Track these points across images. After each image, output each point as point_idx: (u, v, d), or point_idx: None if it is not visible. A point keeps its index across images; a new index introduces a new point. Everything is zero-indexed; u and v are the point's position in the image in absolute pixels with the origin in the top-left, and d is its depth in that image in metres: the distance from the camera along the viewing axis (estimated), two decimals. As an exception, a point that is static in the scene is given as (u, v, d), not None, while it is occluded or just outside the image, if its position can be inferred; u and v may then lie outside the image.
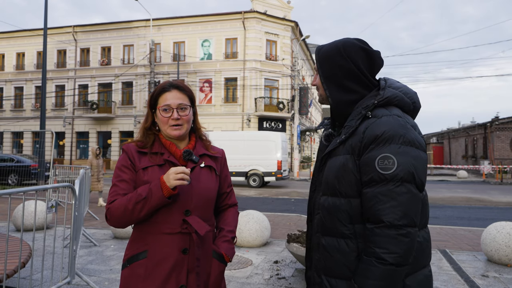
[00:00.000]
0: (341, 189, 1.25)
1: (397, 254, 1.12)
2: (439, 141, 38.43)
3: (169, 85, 1.55)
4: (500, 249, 4.60)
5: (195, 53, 26.47)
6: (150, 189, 1.40)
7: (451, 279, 4.10)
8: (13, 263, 2.90)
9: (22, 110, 30.36)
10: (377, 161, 1.18)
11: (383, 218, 1.14)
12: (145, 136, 1.57)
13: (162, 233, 1.44)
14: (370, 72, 1.34)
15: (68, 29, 29.16)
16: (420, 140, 1.23)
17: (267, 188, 16.01)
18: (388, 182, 1.16)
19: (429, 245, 1.31)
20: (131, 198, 1.42)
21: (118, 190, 1.46)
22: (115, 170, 1.53)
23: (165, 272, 1.41)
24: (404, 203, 1.14)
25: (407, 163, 1.16)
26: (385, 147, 1.18)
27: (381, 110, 1.25)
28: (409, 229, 1.14)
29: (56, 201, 3.33)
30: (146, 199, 1.39)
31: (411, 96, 1.33)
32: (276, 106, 25.48)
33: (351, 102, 1.32)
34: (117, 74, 27.69)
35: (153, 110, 1.58)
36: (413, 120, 1.31)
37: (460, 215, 9.19)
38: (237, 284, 3.87)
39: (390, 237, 1.13)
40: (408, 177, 1.15)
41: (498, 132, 24.08)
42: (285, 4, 28.20)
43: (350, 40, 1.35)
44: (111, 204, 1.45)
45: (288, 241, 4.24)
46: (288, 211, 9.32)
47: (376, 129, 1.20)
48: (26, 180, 14.79)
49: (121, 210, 1.41)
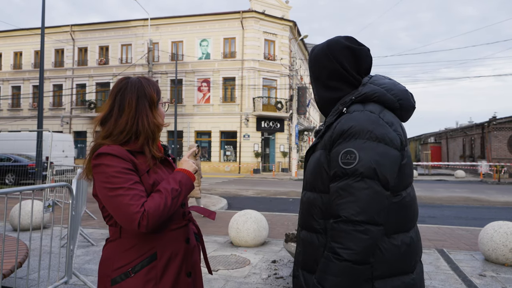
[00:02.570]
0: (315, 184, 1.26)
1: (353, 250, 1.08)
2: (437, 141, 38.52)
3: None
4: (497, 249, 4.62)
5: (193, 52, 26.45)
6: (179, 182, 1.39)
7: (448, 279, 4.11)
8: (9, 262, 2.88)
9: (20, 110, 30.28)
10: (341, 155, 1.16)
11: (340, 212, 1.12)
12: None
13: (169, 230, 1.43)
14: (357, 69, 1.33)
15: (66, 28, 29.11)
16: (393, 137, 1.17)
17: (265, 187, 15.99)
18: (349, 177, 1.13)
19: (413, 251, 1.23)
20: (165, 195, 1.32)
21: (139, 192, 1.31)
22: (114, 176, 1.32)
23: (177, 265, 1.43)
24: (363, 199, 1.10)
25: (370, 158, 1.12)
26: (350, 142, 1.16)
27: (356, 106, 1.24)
28: (367, 226, 1.09)
29: (53, 200, 3.32)
30: (181, 192, 1.38)
31: (396, 93, 1.27)
32: (274, 106, 25.49)
33: (334, 99, 1.34)
34: (115, 74, 27.63)
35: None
36: (393, 117, 1.24)
37: (457, 214, 9.21)
38: (235, 283, 3.87)
39: (346, 232, 1.09)
40: (369, 173, 1.11)
41: (496, 132, 24.15)
42: (283, 4, 28.21)
43: (336, 39, 1.35)
44: (145, 206, 1.28)
45: (286, 241, 4.24)
46: (286, 211, 9.33)
47: (345, 124, 1.19)
48: (24, 179, 14.74)
49: (161, 210, 1.30)
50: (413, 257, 1.24)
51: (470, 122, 34.23)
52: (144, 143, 1.42)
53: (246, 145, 25.35)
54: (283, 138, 26.39)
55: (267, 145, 26.57)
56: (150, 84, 1.50)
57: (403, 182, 1.21)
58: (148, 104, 1.46)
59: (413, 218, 1.26)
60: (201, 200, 10.60)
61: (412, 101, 1.31)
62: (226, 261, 4.67)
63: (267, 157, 26.59)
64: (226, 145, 26.23)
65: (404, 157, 1.21)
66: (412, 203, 1.25)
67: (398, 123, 1.24)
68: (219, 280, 3.96)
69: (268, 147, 26.60)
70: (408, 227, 1.23)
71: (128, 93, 1.44)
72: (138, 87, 1.46)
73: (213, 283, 3.85)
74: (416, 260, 1.26)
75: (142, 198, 1.30)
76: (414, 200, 1.28)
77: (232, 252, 5.09)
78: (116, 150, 1.35)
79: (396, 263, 1.18)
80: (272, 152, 26.52)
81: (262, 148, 26.01)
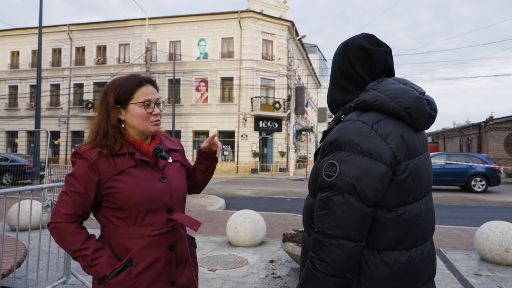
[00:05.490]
0: (314, 189, 1.25)
1: (326, 263, 1.08)
2: (434, 141, 38.64)
3: (143, 79, 1.46)
4: (493, 248, 4.65)
5: (191, 52, 26.43)
6: (98, 264, 1.33)
7: (444, 278, 4.14)
8: (8, 263, 2.89)
9: (17, 109, 30.17)
10: (324, 166, 1.15)
11: (316, 224, 1.13)
12: (108, 136, 1.40)
13: (146, 236, 1.37)
14: (369, 72, 1.26)
15: (63, 27, 29.02)
16: (382, 151, 1.10)
17: (263, 187, 16.01)
18: (329, 189, 1.11)
19: (413, 271, 1.17)
20: (77, 240, 1.33)
21: (70, 202, 1.35)
22: (68, 177, 1.38)
23: (155, 273, 1.39)
24: (339, 213, 1.08)
25: (349, 173, 1.09)
26: (335, 154, 1.13)
27: (352, 114, 1.20)
28: (341, 241, 1.07)
29: (51, 200, 3.33)
30: (87, 264, 1.33)
31: (402, 101, 1.16)
32: (272, 106, 25.51)
33: (344, 102, 1.29)
34: (112, 73, 27.56)
35: (120, 106, 1.43)
36: (394, 127, 1.15)
37: (454, 214, 9.26)
38: (233, 283, 3.89)
39: (322, 244, 1.10)
40: (347, 188, 1.08)
41: (493, 132, 24.26)
42: (281, 4, 28.22)
43: (353, 38, 1.30)
44: (59, 224, 1.33)
45: (284, 241, 4.26)
46: (284, 211, 9.34)
47: (333, 134, 1.17)
48: (21, 179, 14.71)
49: (63, 240, 1.34)
50: (412, 277, 1.17)
51: (467, 122, 34.38)
52: (105, 144, 1.39)
53: (244, 145, 25.35)
54: (281, 138, 26.42)
55: (265, 145, 26.58)
56: (120, 84, 1.44)
57: (399, 198, 1.14)
58: (105, 105, 1.44)
59: (417, 237, 1.18)
60: (200, 200, 10.62)
61: (427, 109, 1.19)
62: (224, 261, 4.69)
63: (265, 157, 26.61)
64: (224, 145, 26.21)
65: (403, 172, 1.13)
66: (415, 220, 1.17)
67: (396, 135, 1.14)
68: (217, 280, 3.98)
69: (266, 147, 26.62)
70: (408, 245, 1.17)
71: (103, 94, 1.48)
72: (108, 87, 1.45)
73: (211, 283, 3.87)
74: (419, 281, 1.19)
75: (68, 208, 1.34)
76: (420, 217, 1.18)
77: (230, 252, 5.11)
78: (85, 153, 1.37)
79: (387, 281, 1.13)
80: (270, 152, 26.54)
81: (260, 148, 26.03)
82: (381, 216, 1.13)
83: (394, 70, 1.32)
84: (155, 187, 1.40)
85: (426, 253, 1.22)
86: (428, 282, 1.24)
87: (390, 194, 1.13)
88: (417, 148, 1.20)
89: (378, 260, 1.13)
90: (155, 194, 1.39)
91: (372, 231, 1.14)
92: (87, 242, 1.33)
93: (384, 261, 1.13)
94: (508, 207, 10.67)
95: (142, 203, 1.36)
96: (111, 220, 1.39)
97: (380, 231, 1.14)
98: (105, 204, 1.39)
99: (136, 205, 1.35)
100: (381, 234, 1.14)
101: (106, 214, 1.40)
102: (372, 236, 1.14)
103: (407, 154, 1.15)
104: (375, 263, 1.13)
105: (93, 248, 1.33)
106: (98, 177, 1.35)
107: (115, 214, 1.38)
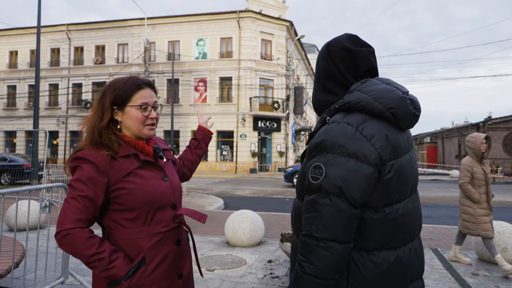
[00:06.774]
0: (301, 191, 1.25)
1: (314, 265, 1.08)
2: (433, 140, 38.70)
3: (143, 82, 1.47)
4: (490, 248, 4.66)
5: (190, 52, 26.42)
6: (115, 267, 1.32)
7: (442, 278, 4.16)
8: (6, 263, 2.89)
9: (15, 109, 30.11)
10: (311, 169, 1.14)
11: (304, 227, 1.13)
12: (103, 137, 1.40)
13: (157, 234, 1.41)
14: (353, 73, 1.26)
15: (62, 27, 28.97)
16: (367, 152, 1.10)
17: (262, 187, 16.03)
18: (316, 192, 1.12)
19: (400, 269, 1.17)
20: (92, 245, 1.30)
21: (80, 207, 1.32)
22: (74, 182, 1.35)
23: (166, 268, 1.43)
24: (326, 216, 1.08)
25: (336, 175, 1.09)
26: (321, 156, 1.13)
27: (337, 116, 1.19)
28: (329, 244, 1.07)
29: (49, 201, 3.33)
30: (104, 267, 1.31)
31: (386, 101, 1.17)
32: (271, 106, 25.51)
33: (329, 103, 1.29)
34: (111, 73, 27.54)
35: (117, 107, 1.44)
36: (379, 128, 1.16)
37: (452, 214, 9.27)
38: (231, 283, 3.89)
39: (310, 247, 1.10)
40: (334, 190, 1.08)
41: (491, 132, 24.31)
42: (280, 4, 28.23)
43: (336, 39, 1.30)
44: (71, 230, 1.29)
45: (282, 241, 4.27)
46: (282, 211, 9.35)
47: (318, 136, 1.17)
48: (19, 179, 14.68)
49: (76, 247, 1.30)
50: (401, 275, 1.18)
51: (465, 122, 34.43)
52: (104, 144, 1.39)
53: (243, 145, 25.36)
54: (279, 138, 26.43)
55: (263, 145, 26.59)
56: (118, 85, 1.44)
57: (386, 198, 1.14)
58: (101, 106, 1.44)
59: (404, 236, 1.19)
60: (198, 200, 10.62)
61: (410, 108, 1.20)
62: (222, 261, 4.69)
63: (264, 157, 26.61)
64: (222, 145, 26.24)
65: (388, 172, 1.13)
66: (401, 219, 1.18)
67: (381, 135, 1.15)
68: (215, 279, 3.99)
69: (264, 147, 26.62)
70: (396, 245, 1.17)
71: (101, 94, 1.49)
72: (107, 88, 1.46)
73: (209, 283, 3.87)
74: (408, 279, 1.21)
75: (80, 214, 1.31)
76: (406, 216, 1.19)
77: (228, 252, 5.11)
78: (89, 155, 1.36)
79: (376, 280, 1.14)
80: (268, 152, 26.55)
81: (258, 148, 26.03)
82: (368, 217, 1.14)
83: (377, 70, 1.31)
84: (160, 185, 1.45)
85: (414, 251, 1.22)
86: (417, 280, 1.25)
87: (376, 195, 1.13)
88: (402, 148, 1.20)
89: (367, 260, 1.14)
90: (161, 192, 1.44)
91: (360, 231, 1.14)
92: (102, 246, 1.33)
93: (372, 261, 1.14)
94: (505, 207, 10.70)
95: (151, 202, 1.40)
96: (119, 222, 1.40)
97: (367, 231, 1.14)
98: (112, 206, 1.39)
99: (146, 204, 1.39)
100: (369, 235, 1.14)
101: (113, 216, 1.40)
102: (360, 236, 1.14)
103: (392, 154, 1.15)
104: (364, 263, 1.13)
105: (109, 251, 1.33)
106: (107, 179, 1.35)
107: (124, 215, 1.39)
